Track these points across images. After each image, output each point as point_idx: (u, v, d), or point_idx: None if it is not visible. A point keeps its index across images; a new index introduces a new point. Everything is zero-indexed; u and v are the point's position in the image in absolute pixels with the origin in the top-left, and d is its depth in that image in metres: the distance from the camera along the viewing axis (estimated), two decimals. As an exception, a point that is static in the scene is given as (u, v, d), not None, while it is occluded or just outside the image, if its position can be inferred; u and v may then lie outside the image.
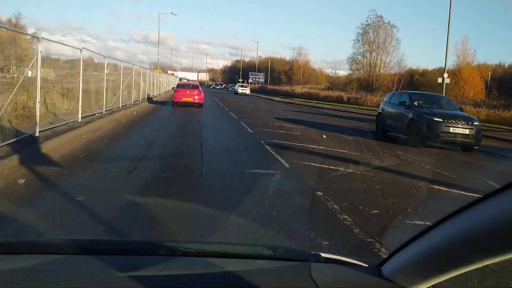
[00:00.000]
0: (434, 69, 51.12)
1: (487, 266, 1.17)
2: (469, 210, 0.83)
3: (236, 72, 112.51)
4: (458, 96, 41.58)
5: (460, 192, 6.16)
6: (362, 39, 56.75)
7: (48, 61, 11.96)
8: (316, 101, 42.07)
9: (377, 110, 14.86)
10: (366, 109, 31.81)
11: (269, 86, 72.38)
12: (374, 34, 56.04)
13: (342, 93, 43.85)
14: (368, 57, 56.53)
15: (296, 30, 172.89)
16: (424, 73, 50.12)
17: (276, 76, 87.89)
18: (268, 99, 44.85)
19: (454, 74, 43.91)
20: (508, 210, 0.73)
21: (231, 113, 19.67)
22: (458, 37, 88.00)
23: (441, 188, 6.43)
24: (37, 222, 3.91)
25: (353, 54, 57.48)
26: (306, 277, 1.12)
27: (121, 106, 17.49)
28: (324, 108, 31.74)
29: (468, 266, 0.87)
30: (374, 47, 55.99)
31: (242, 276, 1.10)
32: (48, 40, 9.76)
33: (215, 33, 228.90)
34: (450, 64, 47.14)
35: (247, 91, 54.40)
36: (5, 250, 1.20)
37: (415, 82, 48.04)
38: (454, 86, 42.95)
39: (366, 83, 53.42)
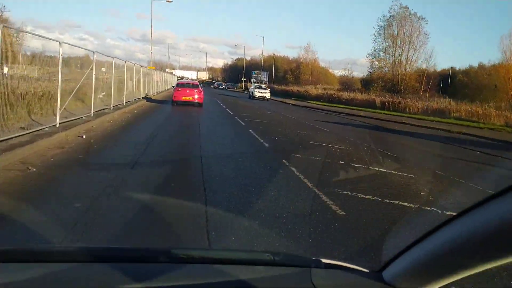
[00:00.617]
0: (476, 67, 43.10)
1: (488, 270, 0.84)
2: (469, 215, 0.81)
3: (238, 71, 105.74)
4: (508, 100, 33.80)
5: None
6: (384, 33, 48.98)
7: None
8: (340, 105, 34.46)
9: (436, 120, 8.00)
10: (428, 120, 24.04)
11: (276, 86, 64.66)
12: (398, 27, 48.26)
13: (373, 97, 35.90)
14: (392, 54, 48.87)
15: (296, 29, 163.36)
16: (468, 72, 42.27)
17: (281, 76, 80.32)
18: (281, 102, 37.23)
19: (499, 73, 36.49)
20: (508, 214, 0.71)
21: (253, 132, 11.95)
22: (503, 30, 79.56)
23: None
24: None
25: (374, 50, 49.29)
26: (307, 282, 1.10)
27: (68, 120, 9.96)
28: (365, 117, 24.03)
29: (469, 271, 0.86)
30: (398, 42, 48.32)
31: (243, 282, 1.08)
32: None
33: (214, 32, 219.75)
34: (493, 61, 39.60)
35: (267, 94, 39.12)
36: (13, 258, 1.16)
37: (456, 83, 40.34)
38: (499, 87, 35.58)
39: (390, 84, 45.78)
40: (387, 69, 48.79)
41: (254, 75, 76.30)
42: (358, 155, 9.17)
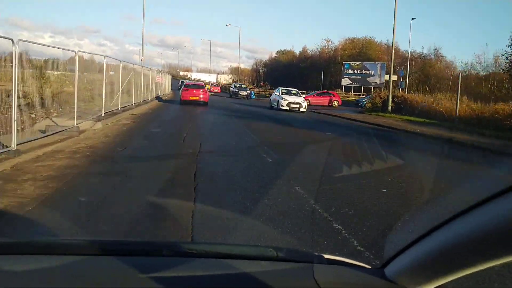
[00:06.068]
0: None
1: (491, 268, 0.87)
2: (472, 212, 0.81)
3: (283, 69, 75.46)
4: None
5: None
6: None
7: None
8: None
9: None
10: None
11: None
12: None
13: None
14: None
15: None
16: None
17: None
18: None
19: None
20: (510, 213, 0.71)
21: None
22: None
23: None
24: None
25: None
26: (309, 278, 1.10)
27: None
28: None
29: (472, 268, 0.85)
30: None
31: (245, 277, 1.09)
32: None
33: (231, 37, 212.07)
34: None
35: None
36: (22, 250, 1.17)
37: None
38: None
39: None
40: None
41: (347, 70, 46.93)
42: None
